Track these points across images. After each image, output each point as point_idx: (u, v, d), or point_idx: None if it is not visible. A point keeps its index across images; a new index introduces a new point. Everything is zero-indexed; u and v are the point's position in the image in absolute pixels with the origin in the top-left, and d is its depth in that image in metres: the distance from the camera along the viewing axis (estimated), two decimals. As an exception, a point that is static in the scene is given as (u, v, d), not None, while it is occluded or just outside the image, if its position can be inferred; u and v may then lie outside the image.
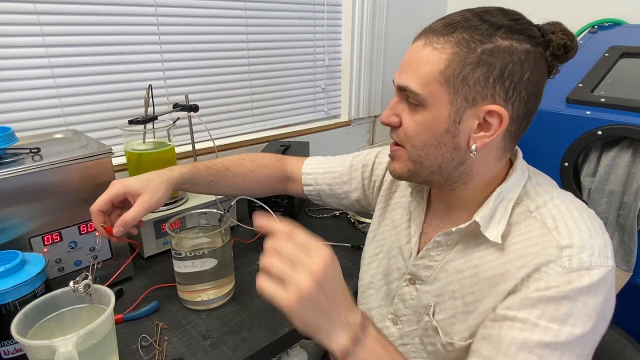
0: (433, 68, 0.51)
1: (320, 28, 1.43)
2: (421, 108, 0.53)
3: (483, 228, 0.55)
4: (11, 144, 0.70)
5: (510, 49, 0.50)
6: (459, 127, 0.52)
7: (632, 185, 0.91)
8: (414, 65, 0.53)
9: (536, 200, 0.55)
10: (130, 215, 0.66)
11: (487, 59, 0.49)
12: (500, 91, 0.50)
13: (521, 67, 0.50)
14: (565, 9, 1.46)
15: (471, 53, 0.50)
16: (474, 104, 0.51)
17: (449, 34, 0.51)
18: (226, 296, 0.77)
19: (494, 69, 0.49)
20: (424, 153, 0.55)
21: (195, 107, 0.98)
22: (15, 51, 0.89)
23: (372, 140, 1.73)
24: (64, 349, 0.48)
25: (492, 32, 0.50)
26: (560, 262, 0.49)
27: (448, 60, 0.50)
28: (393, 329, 0.69)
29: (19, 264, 0.60)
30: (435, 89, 0.51)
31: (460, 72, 0.50)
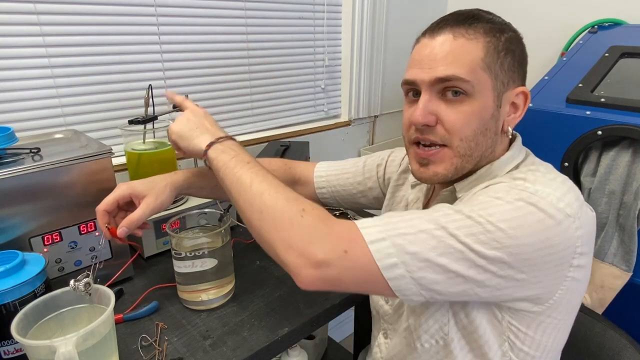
0: (475, 56, 0.53)
1: (320, 28, 1.43)
2: (467, 97, 0.53)
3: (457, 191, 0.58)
4: (11, 144, 0.70)
5: (517, 38, 0.57)
6: (500, 111, 0.55)
7: (632, 185, 0.91)
8: (451, 56, 0.53)
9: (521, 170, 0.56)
10: (135, 217, 0.66)
11: (510, 46, 0.55)
12: (521, 73, 0.57)
13: (523, 52, 0.57)
14: (565, 9, 1.46)
15: (499, 41, 0.54)
16: (507, 87, 0.55)
17: (471, 25, 0.54)
18: (226, 296, 0.77)
19: (516, 55, 0.55)
20: (474, 144, 0.55)
21: (195, 107, 0.97)
22: (15, 51, 0.89)
23: (372, 140, 1.73)
24: (64, 349, 0.48)
25: (503, 25, 0.56)
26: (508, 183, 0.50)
27: (485, 48, 0.53)
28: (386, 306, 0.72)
29: (19, 264, 0.60)
30: (481, 75, 0.53)
31: (497, 58, 0.54)
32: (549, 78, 1.15)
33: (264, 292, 0.80)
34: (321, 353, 1.33)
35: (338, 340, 1.55)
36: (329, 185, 0.86)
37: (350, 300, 0.81)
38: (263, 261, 0.90)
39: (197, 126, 0.64)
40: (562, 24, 1.45)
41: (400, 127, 0.66)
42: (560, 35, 1.45)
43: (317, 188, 0.87)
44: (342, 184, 0.85)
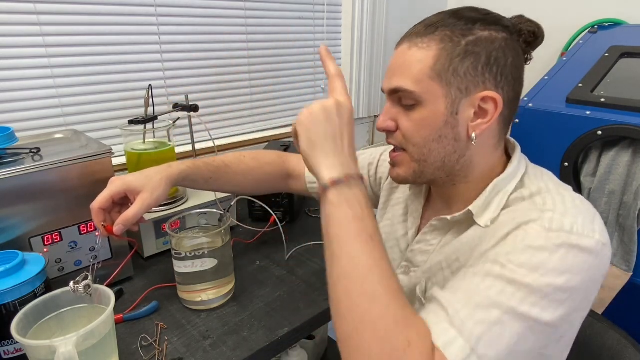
0: (423, 66, 0.53)
1: (320, 28, 1.43)
2: (417, 106, 0.54)
3: (476, 216, 0.56)
4: (11, 144, 0.70)
5: (491, 38, 0.53)
6: (457, 117, 0.54)
7: (632, 185, 0.91)
8: (402, 67, 0.54)
9: (530, 188, 0.56)
10: (131, 213, 0.66)
11: (473, 49, 0.52)
12: (490, 77, 0.53)
13: (504, 53, 0.53)
14: (565, 9, 1.46)
15: (456, 46, 0.52)
16: (468, 93, 0.53)
17: (431, 34, 0.53)
18: (226, 296, 0.77)
19: (481, 58, 0.52)
20: (426, 150, 0.56)
21: (195, 107, 0.98)
22: (15, 51, 0.89)
23: (372, 140, 1.73)
24: (64, 349, 0.48)
25: (470, 25, 0.53)
26: (541, 222, 0.48)
27: (436, 56, 0.52)
28: None
29: (19, 264, 0.60)
30: (429, 84, 0.53)
31: (450, 65, 0.52)
32: (549, 78, 1.15)
33: (264, 292, 0.80)
34: (321, 353, 1.33)
35: (338, 340, 1.55)
36: None
37: (350, 300, 0.81)
38: (263, 261, 0.90)
39: (334, 136, 0.51)
40: (562, 24, 1.45)
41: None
42: (560, 35, 1.45)
43: (308, 182, 0.85)
44: None
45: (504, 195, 0.56)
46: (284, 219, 1.05)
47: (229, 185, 0.81)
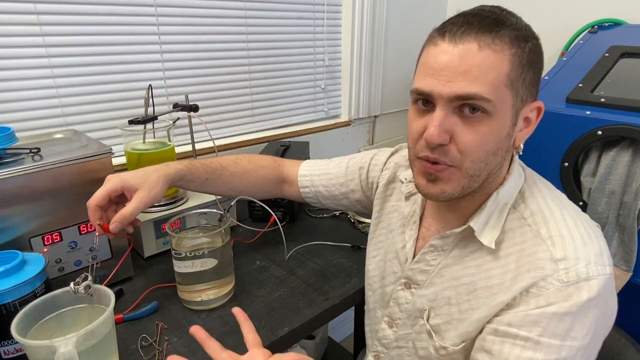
0: (499, 72, 0.47)
1: (320, 28, 1.43)
2: (486, 116, 0.49)
3: (478, 233, 0.55)
4: (11, 144, 0.70)
5: (539, 47, 0.51)
6: (514, 128, 0.52)
7: (632, 185, 0.91)
8: (475, 70, 0.47)
9: (530, 206, 0.54)
10: (128, 211, 0.65)
11: (533, 58, 0.50)
12: (537, 86, 0.53)
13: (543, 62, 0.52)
14: (565, 9, 1.46)
15: (523, 53, 0.49)
16: (525, 104, 0.51)
17: (498, 32, 0.48)
18: (226, 296, 0.77)
19: (537, 68, 0.51)
20: (484, 164, 0.51)
21: (195, 107, 0.98)
22: (15, 51, 0.89)
23: (372, 140, 1.73)
24: (64, 349, 0.48)
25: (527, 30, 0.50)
26: (558, 276, 0.48)
27: (510, 62, 0.48)
28: (388, 331, 0.69)
29: (19, 264, 0.60)
30: (503, 93, 0.48)
31: (521, 73, 0.49)
32: (549, 78, 1.15)
33: (264, 292, 0.80)
34: (321, 353, 1.33)
35: (338, 340, 1.55)
36: (312, 185, 0.85)
37: (350, 300, 0.81)
38: (263, 261, 0.90)
39: None
40: (562, 24, 1.45)
41: (400, 127, 0.66)
42: (560, 35, 1.45)
43: (300, 187, 0.85)
44: (324, 184, 0.83)
45: (503, 208, 0.55)
46: (284, 219, 1.05)
47: (224, 187, 0.81)
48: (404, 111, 1.81)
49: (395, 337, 0.68)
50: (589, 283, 0.47)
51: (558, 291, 0.48)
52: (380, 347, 0.71)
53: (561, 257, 0.49)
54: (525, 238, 0.53)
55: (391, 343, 0.68)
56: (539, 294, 0.49)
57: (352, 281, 0.83)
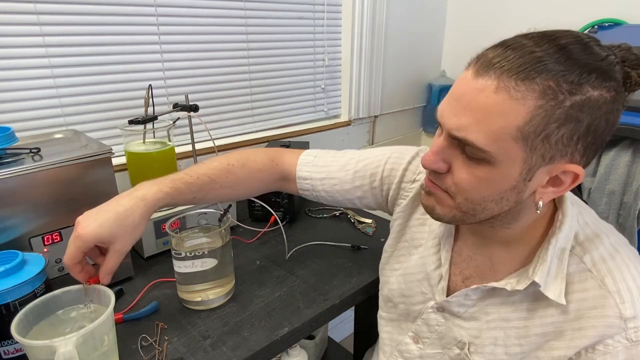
0: (509, 123, 0.42)
1: (320, 28, 1.43)
2: (485, 163, 0.45)
3: (543, 289, 0.50)
4: (11, 144, 0.70)
5: (600, 101, 0.42)
6: (528, 184, 0.46)
7: (632, 185, 0.91)
8: (480, 113, 0.43)
9: (590, 251, 0.51)
10: (110, 266, 0.59)
11: (577, 114, 0.41)
12: (580, 148, 0.44)
13: (607, 121, 0.43)
14: (565, 9, 1.46)
15: (558, 107, 0.41)
16: (550, 162, 0.44)
17: (529, 77, 0.41)
18: (226, 296, 0.77)
19: (581, 126, 0.42)
20: (480, 208, 0.49)
21: (195, 107, 0.98)
22: (15, 51, 0.89)
23: (372, 140, 1.73)
24: (64, 349, 0.48)
25: (583, 79, 0.41)
26: (626, 335, 0.46)
27: (530, 115, 0.41)
28: (413, 346, 0.67)
29: (19, 264, 0.60)
30: (509, 145, 0.43)
31: (543, 130, 0.42)
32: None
33: (264, 292, 0.80)
34: (321, 353, 1.33)
35: (338, 340, 1.55)
36: (313, 190, 0.76)
37: (350, 300, 0.81)
38: (263, 261, 0.90)
39: None
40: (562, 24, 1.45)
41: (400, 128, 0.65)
42: (560, 35, 1.45)
43: (299, 189, 0.78)
44: (327, 190, 0.75)
45: (562, 254, 0.51)
46: (284, 218, 1.05)
47: (216, 199, 0.74)
48: (404, 111, 1.81)
49: (419, 354, 0.66)
50: None
51: (626, 349, 0.46)
52: (400, 358, 0.70)
53: (631, 316, 0.47)
54: (586, 286, 0.49)
55: (414, 359, 0.67)
56: (606, 352, 0.47)
57: (352, 281, 0.83)
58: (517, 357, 0.54)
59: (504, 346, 0.55)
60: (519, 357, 0.54)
